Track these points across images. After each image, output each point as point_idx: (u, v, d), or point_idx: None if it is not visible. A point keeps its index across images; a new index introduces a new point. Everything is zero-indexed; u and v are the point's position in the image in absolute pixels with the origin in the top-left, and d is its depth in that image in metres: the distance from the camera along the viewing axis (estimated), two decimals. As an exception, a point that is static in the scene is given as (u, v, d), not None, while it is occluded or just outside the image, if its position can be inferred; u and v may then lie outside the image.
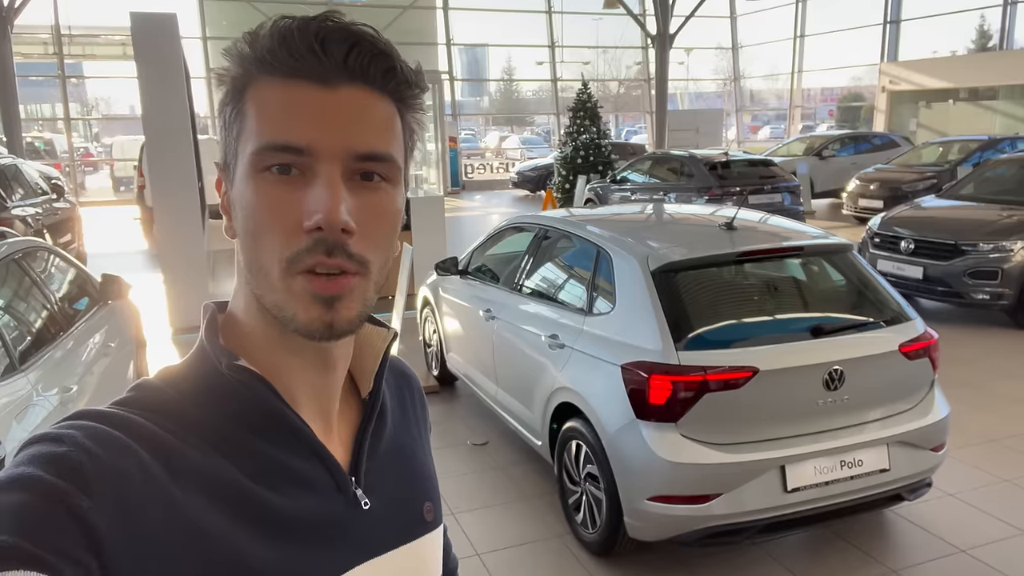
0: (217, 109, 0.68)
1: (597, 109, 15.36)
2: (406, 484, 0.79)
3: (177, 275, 7.01)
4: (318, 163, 0.62)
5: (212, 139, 14.11)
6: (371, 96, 0.65)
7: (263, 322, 0.68)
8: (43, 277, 3.76)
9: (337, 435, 0.74)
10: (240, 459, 0.65)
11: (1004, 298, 6.59)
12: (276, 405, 0.68)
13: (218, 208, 0.72)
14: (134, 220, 13.80)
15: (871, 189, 12.26)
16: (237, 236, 0.67)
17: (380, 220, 0.66)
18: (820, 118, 27.78)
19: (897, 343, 3.24)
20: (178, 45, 6.92)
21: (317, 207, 0.61)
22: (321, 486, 0.69)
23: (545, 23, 23.75)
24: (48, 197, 9.16)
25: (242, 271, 0.68)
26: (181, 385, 0.68)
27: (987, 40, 20.64)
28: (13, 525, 0.51)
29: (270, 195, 0.63)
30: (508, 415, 4.24)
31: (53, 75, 19.70)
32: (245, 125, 0.64)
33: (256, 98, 0.64)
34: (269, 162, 0.63)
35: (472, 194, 20.34)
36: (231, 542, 0.60)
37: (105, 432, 0.59)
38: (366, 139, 0.64)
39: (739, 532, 3.05)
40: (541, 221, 4.45)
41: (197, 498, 0.60)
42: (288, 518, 0.65)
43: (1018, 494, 3.85)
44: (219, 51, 4.51)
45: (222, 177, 0.69)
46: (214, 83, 0.68)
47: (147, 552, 0.56)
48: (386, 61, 0.65)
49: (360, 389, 0.79)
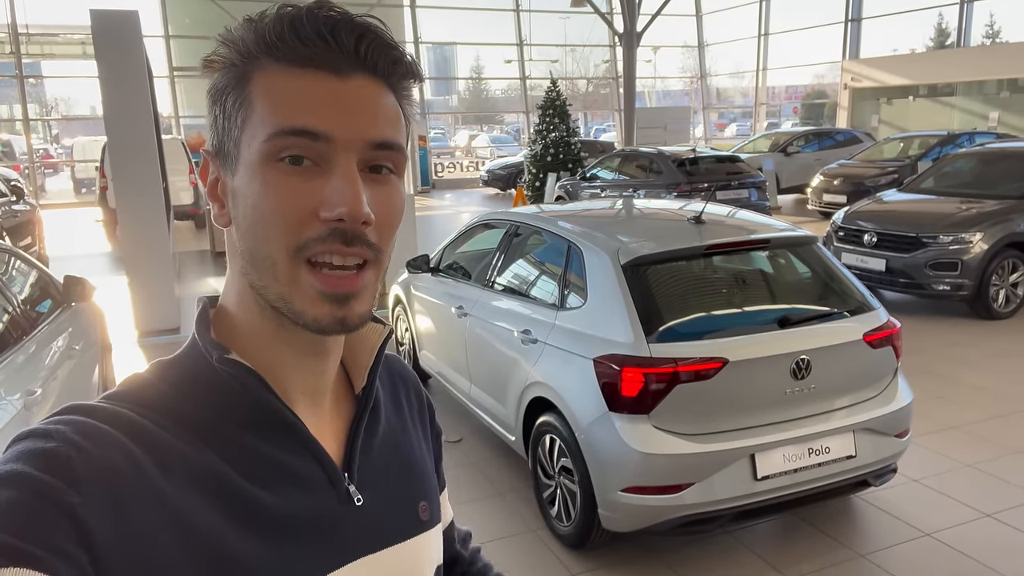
0: (210, 96, 0.66)
1: (566, 107, 15.41)
2: (401, 482, 0.78)
3: (142, 277, 6.88)
4: (335, 152, 0.62)
5: (176, 139, 13.88)
6: (379, 87, 0.65)
7: (258, 315, 0.67)
8: (3, 279, 3.68)
9: (330, 430, 0.74)
10: (231, 454, 0.64)
11: (964, 288, 6.76)
12: (268, 399, 0.67)
13: (184, 209, 0.71)
14: (96, 222, 13.56)
15: (835, 184, 12.48)
16: (235, 226, 0.66)
17: (391, 210, 0.66)
18: (785, 115, 28.22)
19: (861, 332, 3.31)
20: (140, 43, 6.79)
21: (339, 199, 0.61)
22: (313, 481, 0.69)
23: (513, 21, 23.77)
24: (7, 199, 8.95)
25: (238, 263, 0.67)
26: (173, 379, 0.67)
27: (945, 38, 21.13)
28: (2, 522, 0.51)
29: (281, 185, 0.62)
30: (482, 411, 4.24)
31: (10, 75, 19.21)
32: (252, 113, 0.63)
33: (264, 85, 0.63)
34: (283, 148, 0.62)
35: (442, 193, 20.28)
36: (222, 538, 0.60)
37: (95, 427, 0.58)
38: (380, 128, 0.64)
39: (711, 521, 3.09)
40: (512, 217, 4.46)
41: (188, 494, 0.60)
42: (279, 514, 0.64)
43: (980, 478, 3.96)
44: (182, 49, 4.44)
45: (214, 165, 0.68)
46: (204, 70, 0.66)
47: (138, 547, 0.56)
48: (393, 53, 0.65)
49: (354, 384, 0.79)
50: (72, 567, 0.51)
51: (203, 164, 0.70)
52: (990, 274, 6.75)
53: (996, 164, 7.95)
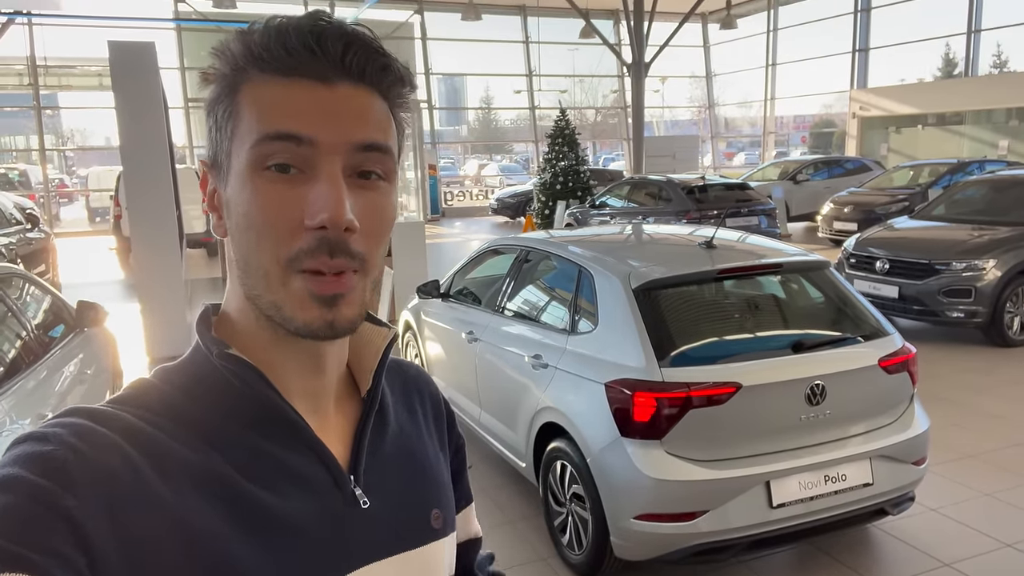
0: (206, 108, 0.67)
1: (575, 136, 15.52)
2: (412, 487, 0.77)
3: (154, 304, 6.92)
4: (319, 157, 0.62)
5: (190, 168, 14.06)
6: (368, 94, 0.65)
7: (256, 323, 0.68)
8: (18, 304, 3.70)
9: (335, 432, 0.73)
10: (234, 455, 0.63)
11: (978, 316, 6.70)
12: (269, 396, 0.67)
13: (197, 237, 0.72)
14: (110, 250, 13.66)
15: (845, 212, 12.47)
16: (230, 235, 0.67)
17: (379, 217, 0.66)
18: (793, 144, 28.28)
19: (876, 357, 3.27)
20: (156, 74, 6.91)
21: (322, 205, 0.61)
22: (317, 482, 0.68)
23: (523, 53, 24.07)
24: (22, 227, 9.06)
25: (235, 271, 0.67)
26: (176, 381, 0.67)
27: (953, 67, 21.20)
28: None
29: (268, 193, 0.62)
30: (492, 437, 4.21)
31: (28, 106, 19.55)
32: (240, 123, 0.64)
33: (252, 96, 0.63)
34: (268, 155, 0.62)
35: (452, 221, 20.38)
36: (222, 542, 0.59)
37: (92, 429, 0.58)
38: (366, 131, 0.64)
39: (726, 549, 3.04)
40: (522, 243, 4.46)
41: (188, 497, 0.59)
42: (283, 516, 0.63)
43: (999, 508, 3.88)
44: (197, 81, 4.53)
45: (210, 176, 0.69)
46: (201, 82, 0.68)
47: (135, 550, 0.55)
48: (381, 59, 0.65)
49: (360, 387, 0.78)
50: (69, 571, 0.51)
51: (202, 176, 0.70)
52: (1004, 301, 6.68)
53: (1008, 191, 7.92)
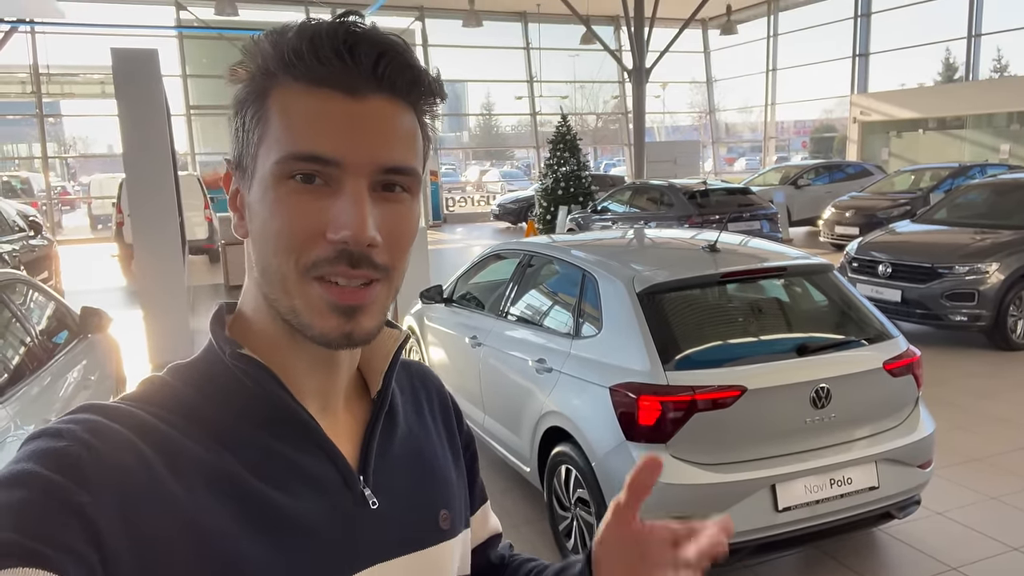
0: (233, 107, 0.67)
1: (576, 141, 15.54)
2: (420, 488, 0.77)
3: (157, 311, 6.94)
4: (345, 175, 0.62)
5: (192, 175, 14.10)
6: (396, 107, 0.65)
7: (272, 323, 0.68)
8: (22, 310, 3.71)
9: (345, 432, 0.73)
10: (246, 454, 0.64)
11: (981, 319, 6.68)
12: (280, 395, 0.67)
13: (199, 244, 0.72)
14: (112, 257, 13.69)
15: (847, 216, 12.47)
16: (251, 238, 0.67)
17: (402, 230, 0.66)
18: (794, 149, 28.31)
19: (881, 360, 3.27)
20: (159, 81, 6.93)
21: (345, 221, 0.61)
22: (327, 481, 0.68)
23: (524, 59, 24.13)
24: (25, 234, 9.09)
25: (254, 272, 0.68)
26: (189, 379, 0.67)
27: (953, 72, 21.23)
28: (12, 522, 0.51)
29: (292, 203, 0.62)
30: (496, 442, 4.20)
31: (31, 114, 19.62)
32: (268, 130, 0.63)
33: (281, 103, 0.63)
34: (293, 171, 0.62)
35: (454, 227, 20.40)
36: (233, 541, 0.59)
37: (106, 426, 0.58)
38: (392, 153, 0.64)
39: (732, 554, 3.01)
40: (525, 247, 4.47)
41: (200, 496, 0.59)
42: (294, 516, 0.64)
43: (1006, 511, 3.87)
44: (199, 88, 4.54)
45: (235, 176, 0.69)
46: (229, 79, 0.67)
47: (148, 547, 0.55)
48: (412, 72, 0.65)
49: (370, 388, 0.78)
50: (81, 566, 0.51)
51: (226, 173, 0.70)
52: (1007, 304, 6.67)
53: (1010, 195, 7.92)
